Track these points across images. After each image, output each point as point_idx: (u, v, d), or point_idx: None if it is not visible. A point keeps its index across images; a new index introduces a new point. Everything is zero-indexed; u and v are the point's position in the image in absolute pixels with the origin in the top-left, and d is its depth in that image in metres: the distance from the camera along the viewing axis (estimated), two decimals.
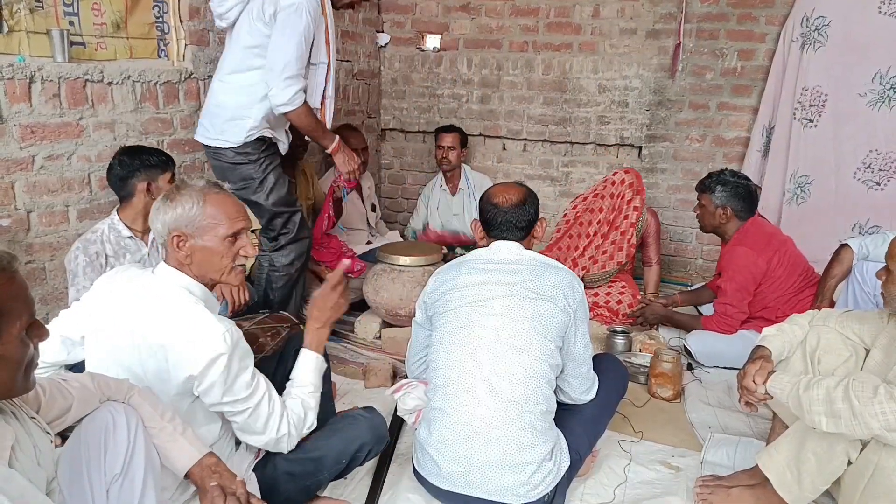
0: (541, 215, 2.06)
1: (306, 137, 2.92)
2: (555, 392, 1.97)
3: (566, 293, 1.86)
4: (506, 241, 1.96)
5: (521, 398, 1.78)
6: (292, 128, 2.86)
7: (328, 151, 2.84)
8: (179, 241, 1.62)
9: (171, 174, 2.43)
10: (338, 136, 2.85)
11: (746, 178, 3.03)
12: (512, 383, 1.78)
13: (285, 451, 1.70)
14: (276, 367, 2.07)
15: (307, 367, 1.79)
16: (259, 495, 1.59)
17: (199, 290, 1.65)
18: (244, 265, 1.73)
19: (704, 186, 3.04)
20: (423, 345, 2.11)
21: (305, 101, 2.60)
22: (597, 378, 2.06)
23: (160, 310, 1.57)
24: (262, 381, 1.64)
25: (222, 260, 1.65)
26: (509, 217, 1.95)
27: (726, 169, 3.09)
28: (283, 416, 1.66)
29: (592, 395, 2.04)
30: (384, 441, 1.93)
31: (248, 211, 2.45)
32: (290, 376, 1.79)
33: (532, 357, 1.81)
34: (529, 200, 2.01)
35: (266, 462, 1.43)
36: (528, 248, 2.01)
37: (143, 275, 1.68)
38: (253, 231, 3.04)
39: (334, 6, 2.80)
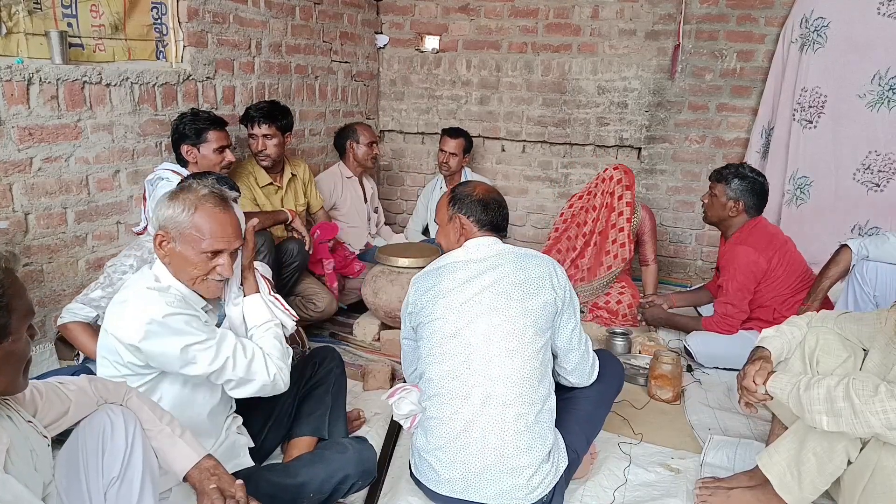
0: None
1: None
2: (557, 377, 1.99)
3: (553, 282, 1.85)
4: (485, 238, 1.94)
5: (517, 400, 1.77)
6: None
7: None
8: (162, 241, 1.66)
9: None
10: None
11: (763, 176, 2.99)
12: (506, 386, 1.77)
13: (283, 389, 1.76)
14: (295, 381, 2.07)
15: (255, 306, 1.83)
16: None
17: (179, 292, 1.67)
18: (221, 281, 1.73)
19: (721, 176, 2.98)
20: (415, 356, 2.07)
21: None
22: (596, 360, 2.05)
23: (126, 299, 1.62)
24: (228, 337, 1.67)
25: (194, 270, 1.67)
26: (505, 214, 2.01)
27: (745, 163, 3.08)
28: (265, 358, 1.71)
29: (593, 378, 2.03)
30: (370, 476, 1.88)
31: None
32: (248, 323, 1.83)
33: (525, 358, 1.79)
34: None
35: (247, 482, 1.43)
36: None
37: (145, 269, 1.74)
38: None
39: None
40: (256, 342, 1.76)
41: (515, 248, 1.94)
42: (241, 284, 1.87)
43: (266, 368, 1.70)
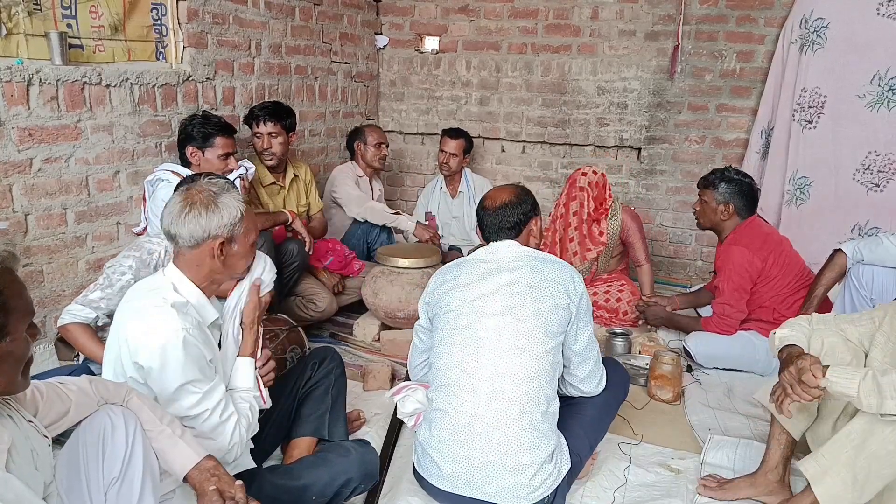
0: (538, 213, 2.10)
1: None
2: (564, 386, 2.02)
3: (567, 288, 1.88)
4: (503, 241, 1.99)
5: (523, 398, 1.78)
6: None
7: None
8: (222, 247, 1.64)
9: None
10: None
11: (749, 177, 3.02)
12: (513, 383, 1.78)
13: (230, 461, 1.66)
14: (295, 382, 2.09)
15: (245, 370, 1.78)
16: None
17: (195, 297, 1.66)
18: None
19: (707, 182, 3.02)
20: (424, 347, 2.11)
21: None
22: (605, 371, 2.08)
23: (138, 307, 1.59)
24: (217, 391, 1.63)
25: (244, 261, 1.72)
26: (494, 219, 2.00)
27: (730, 167, 3.10)
28: (236, 425, 1.65)
29: (601, 388, 2.07)
30: (373, 479, 1.88)
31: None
32: (233, 384, 1.76)
33: (533, 357, 1.81)
34: (517, 201, 2.02)
35: (251, 485, 1.42)
36: (526, 245, 2.02)
37: (158, 274, 1.71)
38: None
39: None
40: (235, 405, 1.70)
41: (536, 253, 1.97)
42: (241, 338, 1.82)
43: (230, 436, 1.63)
